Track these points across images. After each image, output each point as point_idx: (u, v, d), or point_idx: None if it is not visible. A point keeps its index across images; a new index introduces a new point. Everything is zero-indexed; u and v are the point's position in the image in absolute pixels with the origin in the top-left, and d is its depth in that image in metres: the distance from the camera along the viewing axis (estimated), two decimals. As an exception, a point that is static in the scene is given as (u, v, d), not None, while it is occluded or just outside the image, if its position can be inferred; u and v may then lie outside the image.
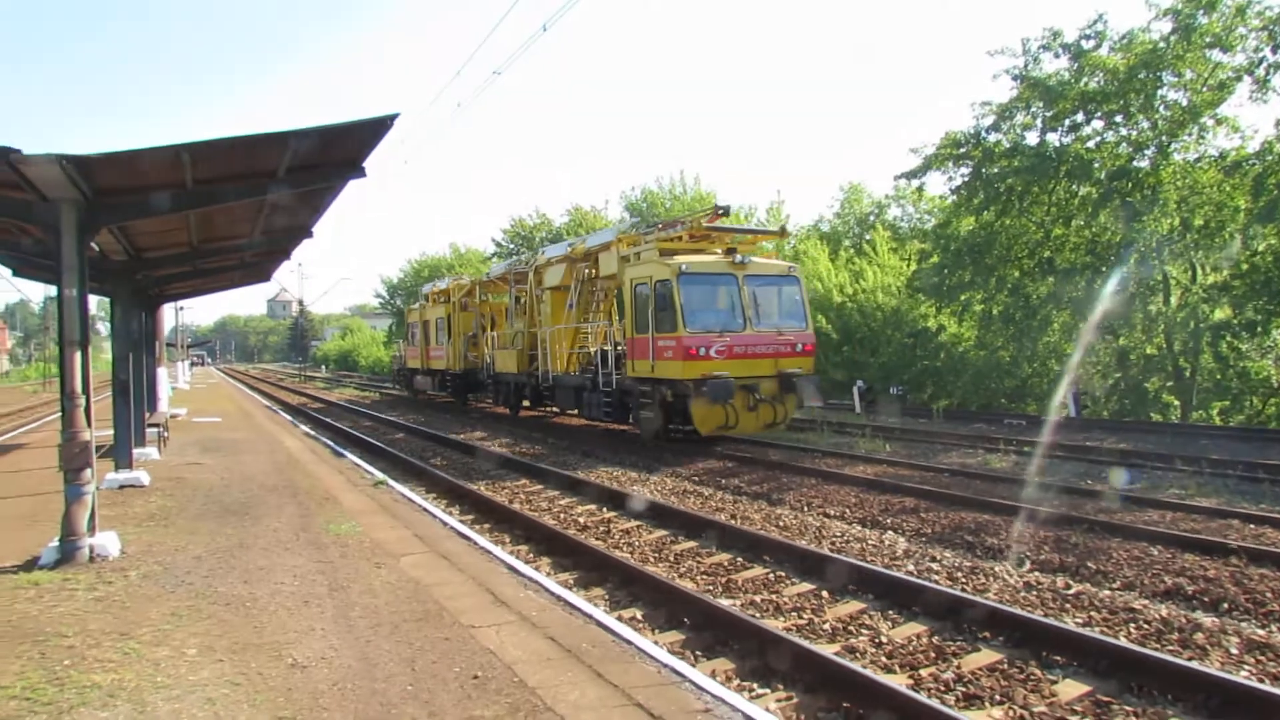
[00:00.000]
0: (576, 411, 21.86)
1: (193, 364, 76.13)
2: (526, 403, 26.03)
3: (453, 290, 31.34)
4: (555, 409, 24.36)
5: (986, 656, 6.34)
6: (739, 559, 9.17)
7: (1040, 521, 10.47)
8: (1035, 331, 25.18)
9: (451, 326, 30.44)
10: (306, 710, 4.74)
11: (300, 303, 78.80)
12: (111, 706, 4.77)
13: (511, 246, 62.17)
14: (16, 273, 15.86)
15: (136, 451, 13.55)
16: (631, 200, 47.50)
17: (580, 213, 56.95)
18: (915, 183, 28.60)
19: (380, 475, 13.77)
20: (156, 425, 16.90)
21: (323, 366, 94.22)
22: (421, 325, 34.92)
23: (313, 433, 21.66)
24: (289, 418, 26.92)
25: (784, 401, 17.10)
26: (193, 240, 13.71)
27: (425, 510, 10.91)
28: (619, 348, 19.20)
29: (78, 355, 8.04)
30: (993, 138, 25.87)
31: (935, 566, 8.74)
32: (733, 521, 10.79)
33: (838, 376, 30.64)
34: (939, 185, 38.18)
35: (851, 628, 7.05)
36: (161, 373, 24.49)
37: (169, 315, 54.93)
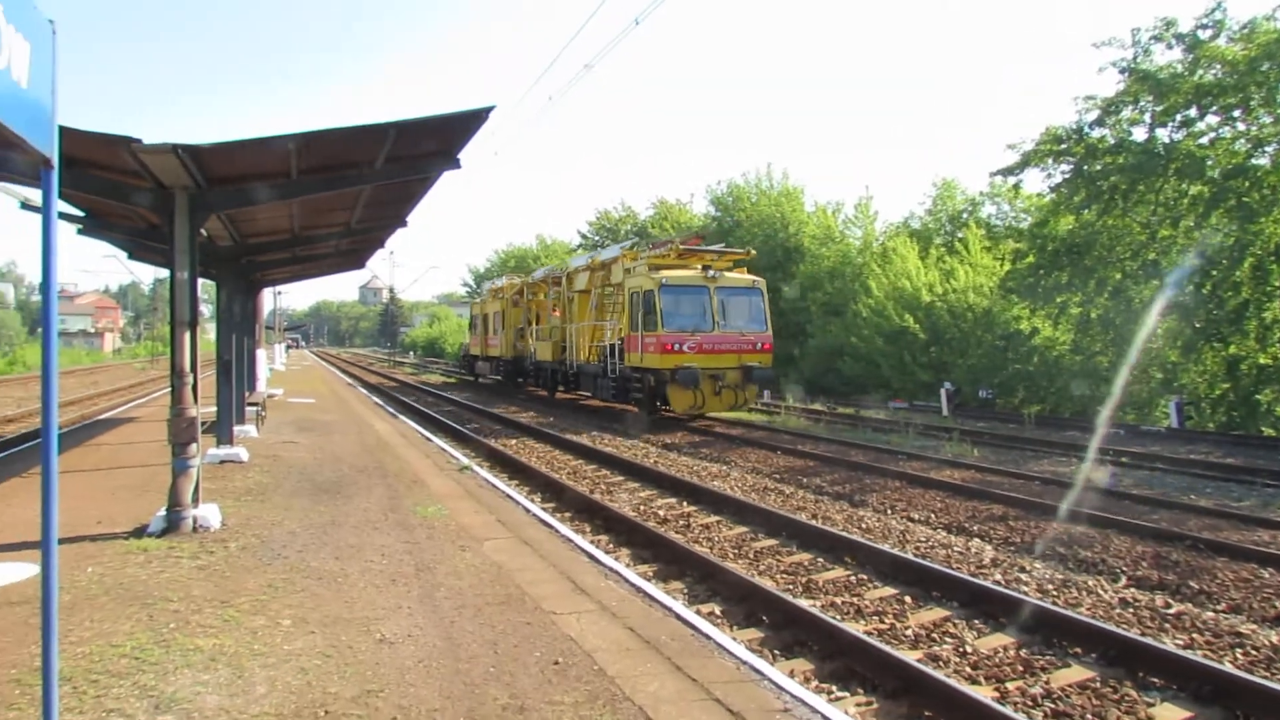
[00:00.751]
0: (590, 394, 26.22)
1: (288, 347, 78.83)
2: (561, 387, 29.43)
3: (506, 289, 35.76)
4: (584, 393, 27.60)
5: (1078, 673, 6.14)
6: (820, 559, 9.08)
7: (1139, 536, 10.10)
8: (1136, 337, 24.22)
9: (505, 320, 34.72)
10: (393, 685, 4.88)
11: (391, 290, 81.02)
12: (212, 670, 4.99)
13: (596, 239, 62.64)
14: (131, 255, 16.70)
15: (236, 429, 14.10)
16: (717, 194, 47.30)
17: (665, 206, 57.00)
18: (1012, 180, 27.76)
19: (465, 460, 14.06)
20: (255, 404, 17.56)
21: (410, 352, 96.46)
22: (482, 318, 39.53)
23: (401, 416, 22.23)
24: (378, 400, 27.67)
25: (745, 388, 21.37)
26: (294, 228, 14.21)
27: (508, 497, 11.10)
28: (621, 343, 23.14)
29: (186, 335, 8.42)
30: (1096, 133, 24.90)
31: (1024, 578, 8.51)
32: (814, 521, 10.69)
33: (924, 377, 30.03)
34: (1037, 183, 36.94)
35: (935, 635, 6.92)
36: (260, 354, 25.46)
37: (268, 299, 56.97)
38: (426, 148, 9.97)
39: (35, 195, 10.41)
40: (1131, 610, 7.52)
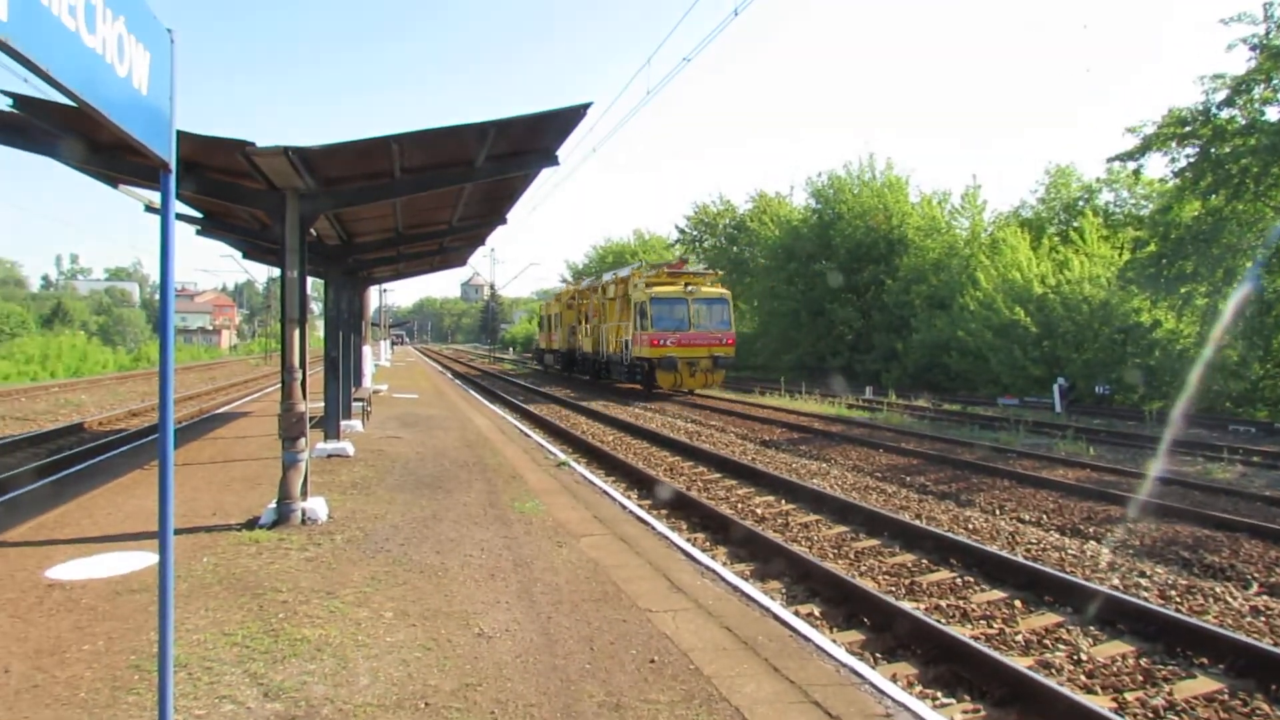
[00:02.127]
0: (615, 378, 34.51)
1: (393, 343, 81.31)
2: (594, 375, 37.81)
3: (563, 295, 46.09)
4: (615, 378, 35.10)
5: (1204, 685, 5.82)
6: (924, 561, 8.86)
7: (1272, 540, 9.52)
8: (1270, 329, 22.83)
9: (562, 320, 44.41)
10: (491, 679, 4.96)
11: (492, 286, 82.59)
12: (318, 659, 5.17)
13: (694, 234, 62.69)
14: (246, 255, 17.45)
15: (343, 424, 14.58)
16: (817, 186, 46.55)
17: (765, 199, 56.55)
18: (1132, 165, 26.51)
19: (563, 456, 14.23)
20: (361, 400, 18.13)
21: (510, 348, 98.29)
22: (547, 318, 50.75)
23: (498, 409, 22.66)
24: (479, 396, 28.27)
25: (714, 372, 30.00)
26: (397, 227, 14.62)
27: (605, 493, 11.18)
28: (631, 339, 31.56)
29: (296, 332, 8.75)
30: (1225, 114, 23.54)
31: (1144, 583, 8.12)
32: (918, 521, 10.44)
33: (1035, 373, 28.98)
34: (1159, 167, 35.18)
35: (1047, 641, 6.66)
36: (366, 350, 26.32)
37: (373, 296, 58.84)
38: (526, 145, 10.11)
39: (157, 198, 10.97)
40: (1264, 619, 7.09)
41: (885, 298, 40.00)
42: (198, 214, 12.19)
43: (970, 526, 10.39)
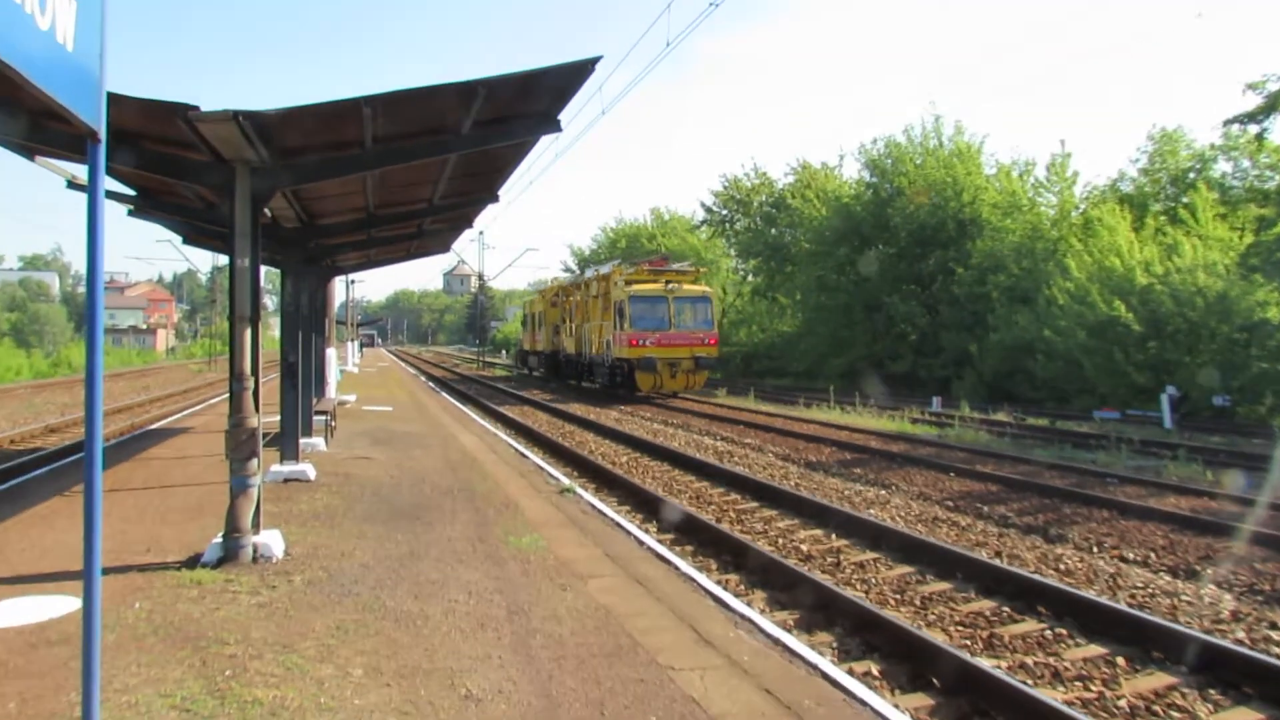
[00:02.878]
0: (597, 380, 38.14)
1: (362, 345, 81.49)
2: (581, 377, 41.34)
3: (547, 292, 49.93)
4: (598, 380, 38.37)
5: (1350, 762, 5.75)
6: (1005, 608, 8.80)
7: None
8: None
9: (546, 319, 48.23)
10: (482, 751, 4.96)
11: (480, 277, 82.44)
12: (273, 727, 5.18)
13: (724, 213, 62.77)
14: (187, 240, 17.58)
15: (303, 442, 14.65)
16: (872, 155, 46.50)
17: (809, 171, 56.50)
18: (1254, 128, 26.34)
19: (566, 481, 14.25)
20: (324, 413, 18.22)
21: (504, 351, 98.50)
22: (531, 316, 54.53)
23: (491, 427, 22.71)
24: (464, 407, 28.37)
25: (696, 374, 34.48)
26: (369, 205, 14.69)
27: (618, 525, 11.19)
28: (612, 339, 34.97)
29: (247, 333, 8.79)
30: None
31: (1276, 635, 8.04)
32: (997, 560, 10.39)
33: (1139, 380, 28.81)
34: (1290, 130, 34.93)
35: (1157, 708, 6.60)
36: (330, 354, 26.44)
37: (339, 289, 59.12)
38: (521, 108, 10.13)
39: (82, 172, 11.04)
40: None
41: (955, 289, 39.87)
42: (131, 191, 12.30)
43: (1062, 567, 10.33)
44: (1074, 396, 31.57)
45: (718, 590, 8.41)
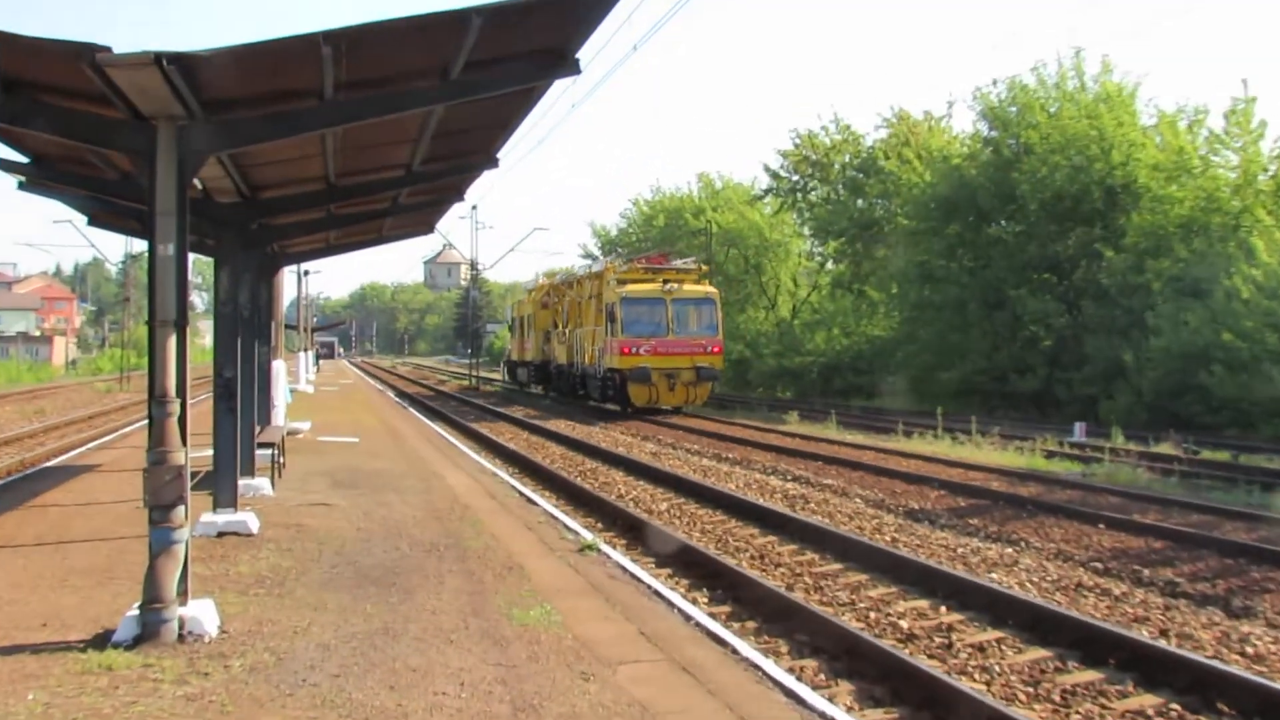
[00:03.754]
0: (590, 394, 43.49)
1: (319, 356, 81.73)
2: (574, 391, 46.35)
3: (537, 291, 54.77)
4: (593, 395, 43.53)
5: None
6: (1174, 706, 8.70)
7: None
8: None
9: (535, 323, 53.12)
10: None
11: (474, 265, 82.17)
12: None
13: (795, 179, 62.66)
14: (93, 220, 17.72)
15: (243, 483, 14.68)
16: (991, 101, 45.97)
17: (907, 123, 56.33)
18: None
19: (588, 536, 14.23)
20: (270, 445, 18.27)
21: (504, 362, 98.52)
22: (519, 320, 59.96)
23: (489, 464, 22.72)
24: (453, 438, 28.43)
25: (698, 386, 38.76)
26: (329, 174, 14.69)
27: (656, 594, 11.15)
28: (605, 346, 39.15)
29: (171, 341, 8.79)
30: None
31: None
32: (1162, 642, 10.27)
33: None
34: None
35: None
36: (278, 368, 26.58)
37: (289, 284, 59.69)
38: (525, 44, 10.13)
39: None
40: None
41: (1104, 279, 39.42)
42: (22, 158, 12.37)
43: (1251, 650, 10.18)
44: (1263, 421, 31.15)
45: (789, 681, 8.36)
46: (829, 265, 61.30)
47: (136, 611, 8.75)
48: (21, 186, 13.44)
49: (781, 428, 34.29)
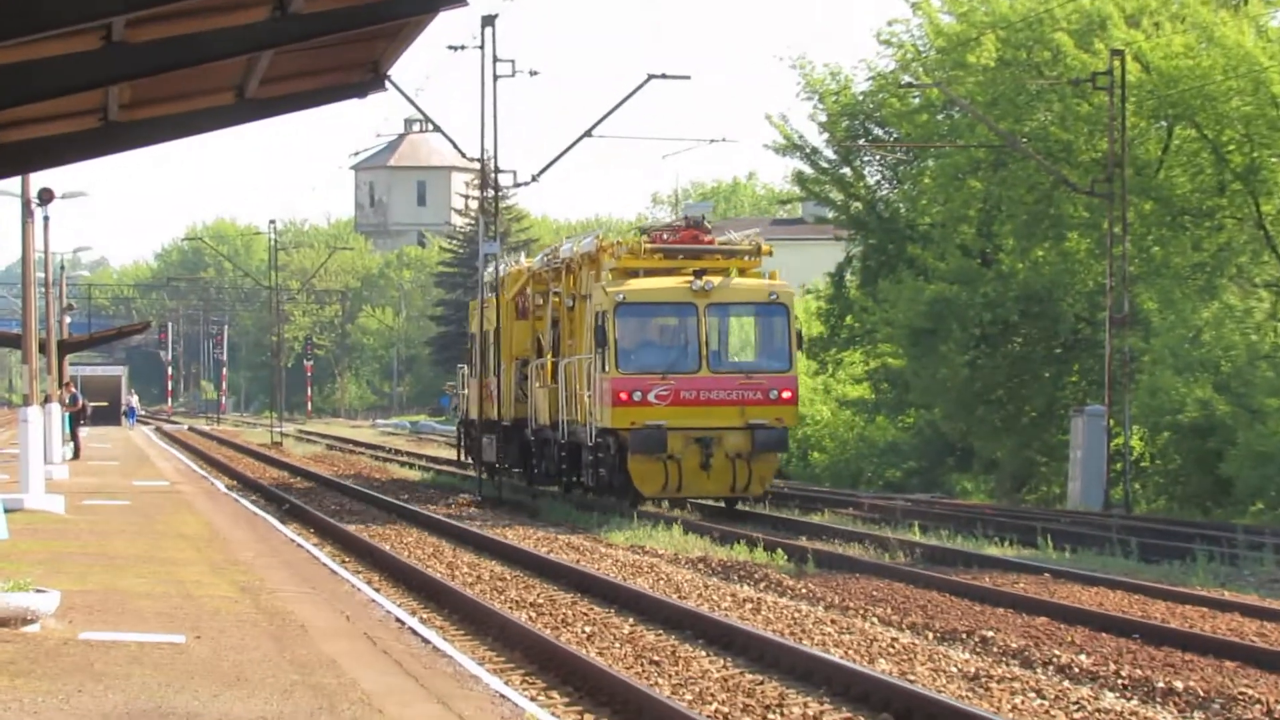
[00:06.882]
0: (582, 480, 27.38)
1: (79, 416, 44.03)
2: (566, 476, 29.30)
3: (509, 282, 32.57)
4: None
5: None
6: None
7: None
8: None
9: (509, 341, 31.81)
10: None
11: (493, 171, 28.33)
12: None
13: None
14: None
15: None
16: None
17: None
18: None
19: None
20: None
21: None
22: (478, 338, 34.99)
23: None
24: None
25: (757, 459, 24.06)
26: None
27: None
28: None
29: None
30: None
31: None
32: None
33: None
34: None
35: None
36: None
37: (35, 235, 30.10)
38: None
39: None
40: None
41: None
42: None
43: None
44: None
45: None
46: None
47: None
48: None
49: (694, 498, 23.91)
